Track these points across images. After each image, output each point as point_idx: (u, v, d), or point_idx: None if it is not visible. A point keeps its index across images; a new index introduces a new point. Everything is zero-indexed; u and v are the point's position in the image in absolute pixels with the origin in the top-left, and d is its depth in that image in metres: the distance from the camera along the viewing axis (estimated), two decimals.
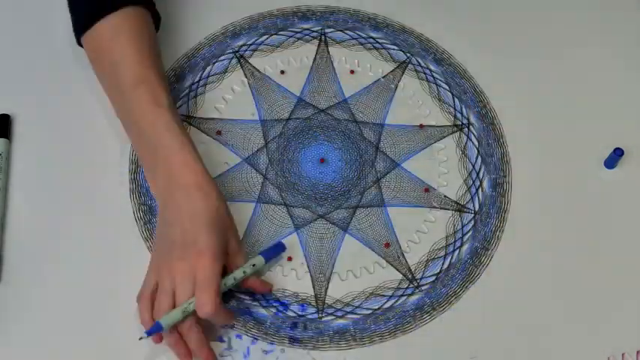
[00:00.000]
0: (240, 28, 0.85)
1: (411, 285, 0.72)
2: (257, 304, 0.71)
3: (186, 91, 0.81)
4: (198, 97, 0.81)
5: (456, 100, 0.82)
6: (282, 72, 0.83)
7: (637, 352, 0.69)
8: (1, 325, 0.68)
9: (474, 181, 0.77)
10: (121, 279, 0.70)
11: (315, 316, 0.70)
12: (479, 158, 0.79)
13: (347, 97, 0.81)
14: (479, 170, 0.78)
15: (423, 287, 0.72)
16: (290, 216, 0.75)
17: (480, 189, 0.77)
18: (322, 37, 0.85)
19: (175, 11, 0.85)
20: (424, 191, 0.77)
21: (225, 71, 0.83)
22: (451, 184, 0.77)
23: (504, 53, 0.85)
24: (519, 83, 0.83)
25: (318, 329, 0.70)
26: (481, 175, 0.78)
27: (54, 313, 0.69)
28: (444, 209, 0.76)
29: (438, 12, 0.87)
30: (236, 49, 0.84)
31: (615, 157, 0.77)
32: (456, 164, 0.78)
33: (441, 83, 0.83)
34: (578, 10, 0.88)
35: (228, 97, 0.81)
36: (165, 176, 0.69)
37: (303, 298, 0.71)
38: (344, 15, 0.86)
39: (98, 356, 0.68)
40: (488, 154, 0.79)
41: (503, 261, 0.73)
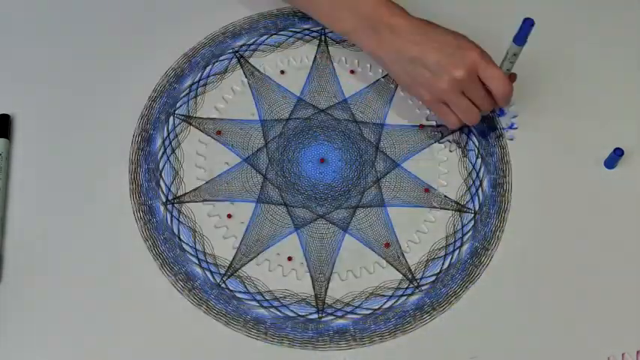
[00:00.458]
0: (240, 28, 0.85)
1: (411, 285, 0.72)
2: (257, 304, 0.71)
3: (186, 91, 0.81)
4: (198, 97, 0.81)
5: None
6: (282, 72, 0.83)
7: (637, 352, 0.69)
8: (1, 325, 0.68)
9: (473, 181, 0.77)
10: (121, 279, 0.70)
11: (315, 316, 0.70)
12: (479, 158, 0.79)
13: (347, 97, 0.81)
14: (479, 170, 0.78)
15: (423, 287, 0.72)
16: (290, 216, 0.75)
17: (480, 189, 0.77)
18: (322, 37, 0.85)
19: (175, 11, 0.85)
20: (424, 191, 0.77)
21: (225, 71, 0.83)
22: (451, 184, 0.77)
23: (504, 53, 0.85)
24: (519, 83, 0.83)
25: (318, 329, 0.70)
26: (481, 175, 0.78)
27: (54, 313, 0.69)
28: (444, 209, 0.76)
29: (438, 12, 0.87)
30: (236, 49, 0.84)
31: (615, 157, 0.77)
32: (456, 164, 0.78)
33: None
34: (578, 9, 0.88)
35: (228, 97, 0.81)
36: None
37: (303, 298, 0.71)
38: None
39: (98, 356, 0.68)
40: (488, 154, 0.79)
41: (503, 261, 0.73)
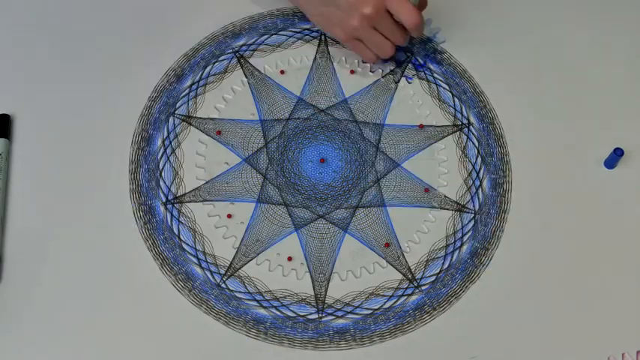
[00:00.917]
0: (240, 28, 0.85)
1: (411, 285, 0.72)
2: (257, 304, 0.71)
3: (186, 91, 0.81)
4: (198, 97, 0.81)
5: (456, 100, 0.82)
6: (282, 72, 0.83)
7: (637, 352, 0.69)
8: (1, 325, 0.68)
9: (473, 181, 0.77)
10: (121, 279, 0.70)
11: (315, 316, 0.70)
12: (479, 158, 0.79)
13: (347, 97, 0.81)
14: (479, 170, 0.78)
15: (423, 287, 0.72)
16: (290, 216, 0.75)
17: (480, 189, 0.77)
18: (322, 37, 0.85)
19: (175, 11, 0.85)
20: (424, 191, 0.77)
21: (225, 71, 0.83)
22: (451, 184, 0.77)
23: (504, 53, 0.85)
24: (519, 83, 0.83)
25: (318, 329, 0.70)
26: (481, 175, 0.78)
27: (54, 313, 0.69)
28: (444, 209, 0.76)
29: (438, 12, 0.87)
30: (236, 49, 0.84)
31: (615, 157, 0.77)
32: (455, 164, 0.78)
33: (441, 83, 0.83)
34: (578, 9, 0.88)
35: (228, 97, 0.81)
36: None
37: (303, 298, 0.71)
38: None
39: (98, 356, 0.68)
40: (488, 154, 0.79)
41: (503, 261, 0.73)
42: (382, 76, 0.83)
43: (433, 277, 0.73)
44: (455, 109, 0.81)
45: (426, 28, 0.83)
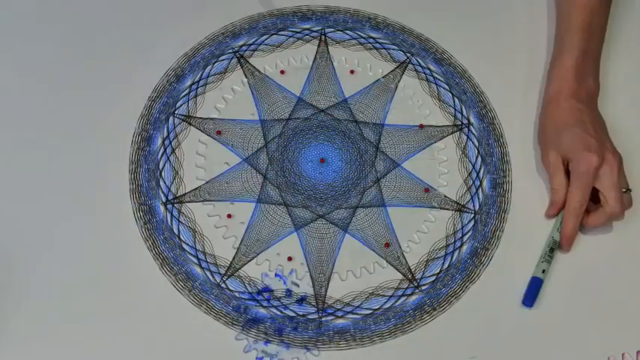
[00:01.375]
0: (240, 28, 0.85)
1: (411, 285, 0.72)
2: (257, 304, 0.71)
3: (186, 91, 0.81)
4: (198, 97, 0.81)
5: (456, 100, 0.82)
6: (282, 72, 0.83)
7: (637, 352, 0.69)
8: (1, 325, 0.68)
9: (473, 181, 0.77)
10: (121, 279, 0.70)
11: (314, 316, 0.70)
12: (479, 158, 0.79)
13: (347, 97, 0.81)
14: (479, 170, 0.78)
15: (423, 287, 0.72)
16: (290, 216, 0.75)
17: (480, 189, 0.77)
18: (322, 37, 0.85)
19: (175, 11, 0.85)
20: (424, 191, 0.77)
21: (225, 71, 0.83)
22: (451, 184, 0.77)
23: (504, 53, 0.85)
24: (519, 83, 0.83)
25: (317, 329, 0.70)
26: (481, 175, 0.78)
27: (54, 313, 0.69)
28: (444, 209, 0.76)
29: (438, 12, 0.87)
30: (236, 49, 0.84)
31: None
32: (455, 164, 0.78)
33: (441, 83, 0.83)
34: None
35: (228, 97, 0.81)
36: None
37: (303, 298, 0.71)
38: (344, 15, 0.86)
39: (98, 356, 0.68)
40: (488, 154, 0.79)
41: (503, 261, 0.73)
42: (382, 77, 0.83)
43: (433, 277, 0.73)
44: (455, 109, 0.81)
45: None
